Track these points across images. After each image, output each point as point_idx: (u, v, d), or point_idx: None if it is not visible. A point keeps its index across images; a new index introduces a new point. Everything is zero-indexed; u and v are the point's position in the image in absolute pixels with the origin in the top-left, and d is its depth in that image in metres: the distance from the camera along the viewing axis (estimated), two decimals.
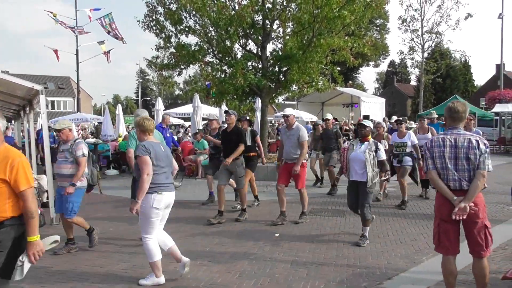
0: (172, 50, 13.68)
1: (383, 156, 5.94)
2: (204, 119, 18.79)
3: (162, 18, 13.53)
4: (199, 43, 13.46)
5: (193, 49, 13.15)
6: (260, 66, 13.67)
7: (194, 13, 12.97)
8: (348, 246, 5.89)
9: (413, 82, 60.72)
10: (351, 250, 5.68)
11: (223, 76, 13.40)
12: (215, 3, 12.63)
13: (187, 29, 13.29)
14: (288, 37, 13.73)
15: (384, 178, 8.27)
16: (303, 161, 7.08)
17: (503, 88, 27.10)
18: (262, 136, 12.81)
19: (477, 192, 3.59)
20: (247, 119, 8.64)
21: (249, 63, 13.65)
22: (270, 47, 14.18)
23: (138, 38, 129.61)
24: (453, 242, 3.74)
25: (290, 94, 15.57)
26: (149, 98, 78.54)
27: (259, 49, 13.58)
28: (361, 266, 5.07)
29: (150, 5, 13.62)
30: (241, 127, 8.02)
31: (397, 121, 9.72)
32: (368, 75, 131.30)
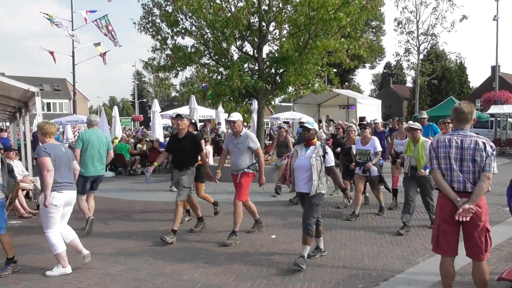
0: (168, 52, 13.69)
1: (331, 161, 5.15)
2: (200, 121, 18.78)
3: (158, 20, 13.53)
4: (195, 45, 13.47)
5: (189, 51, 13.16)
6: (256, 68, 13.69)
7: (190, 15, 12.99)
8: (344, 247, 5.90)
9: (409, 84, 60.85)
10: (347, 252, 5.69)
11: (219, 78, 13.41)
12: (211, 5, 12.65)
13: (183, 31, 13.30)
14: (284, 39, 13.76)
15: (346, 202, 7.92)
16: (250, 171, 6.32)
17: (498, 89, 27.20)
18: (258, 137, 12.82)
19: (481, 195, 3.57)
20: (192, 122, 7.63)
21: (246, 65, 13.66)
22: (266, 49, 14.22)
23: (134, 40, 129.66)
24: (452, 244, 3.73)
25: (286, 95, 15.60)
26: (145, 100, 78.34)
27: (255, 51, 13.60)
28: (357, 267, 5.07)
29: (146, 7, 13.62)
30: (197, 132, 7.28)
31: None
32: (364, 76, 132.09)
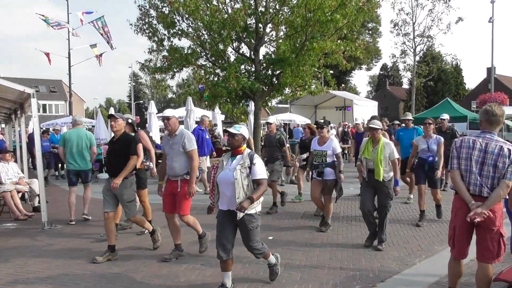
0: (165, 53, 13.68)
1: (259, 173, 4.21)
2: (197, 122, 18.73)
3: (155, 22, 13.51)
4: (192, 46, 13.46)
5: (186, 52, 13.15)
6: (253, 69, 13.69)
7: (187, 16, 12.97)
8: (341, 249, 5.90)
9: (405, 85, 61.09)
10: (344, 253, 5.69)
11: (216, 79, 13.40)
12: (208, 6, 12.65)
13: (180, 32, 13.28)
14: (281, 41, 13.77)
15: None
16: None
17: (493, 91, 27.36)
18: (255, 139, 12.84)
19: (497, 201, 3.51)
20: (128, 122, 6.70)
21: (242, 67, 13.66)
22: (263, 50, 14.21)
23: (130, 41, 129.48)
24: (465, 246, 3.74)
25: (283, 97, 15.59)
26: (142, 102, 78.34)
27: (252, 52, 13.60)
28: (354, 268, 5.07)
29: (143, 8, 13.61)
30: (133, 134, 6.42)
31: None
32: (361, 78, 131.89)
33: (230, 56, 14.07)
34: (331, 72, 14.15)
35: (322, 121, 7.25)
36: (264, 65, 13.63)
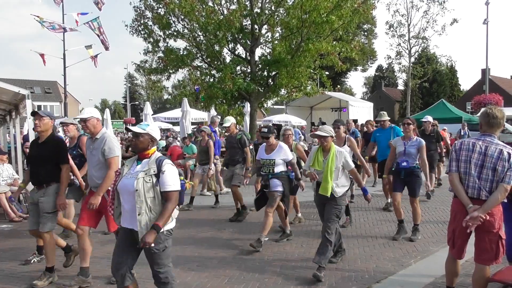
0: (161, 54, 13.69)
1: (169, 184, 3.27)
2: (193, 123, 18.72)
3: (150, 23, 13.52)
4: (187, 47, 13.48)
5: (181, 53, 13.17)
6: (249, 70, 13.72)
7: (183, 17, 13.00)
8: None
9: (401, 87, 61.32)
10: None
11: (212, 80, 13.42)
12: (203, 7, 12.67)
13: (175, 33, 13.30)
14: (276, 42, 13.82)
15: (300, 217, 7.10)
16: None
17: (488, 92, 27.50)
18: (252, 140, 12.84)
19: (495, 205, 3.50)
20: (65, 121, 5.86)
21: (238, 68, 13.70)
22: (258, 51, 14.29)
23: (126, 42, 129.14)
24: (464, 247, 3.76)
25: (279, 98, 15.64)
26: (137, 103, 78.16)
27: (247, 53, 13.63)
28: (350, 269, 5.08)
29: (138, 9, 13.61)
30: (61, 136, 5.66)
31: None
32: (356, 79, 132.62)
33: (226, 57, 14.11)
34: (327, 73, 14.21)
35: (266, 130, 6.19)
36: (260, 66, 13.67)
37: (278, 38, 13.97)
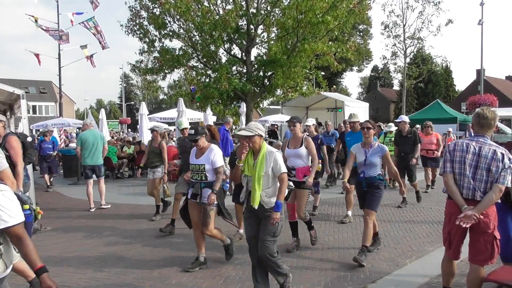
0: (156, 54, 13.66)
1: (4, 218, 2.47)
2: (189, 123, 18.66)
3: (146, 23, 13.49)
4: (183, 47, 13.46)
5: (177, 53, 13.15)
6: (244, 70, 13.72)
7: (178, 17, 12.98)
8: (332, 250, 5.91)
9: (396, 87, 61.47)
10: (335, 254, 5.71)
11: (207, 80, 13.41)
12: (199, 7, 12.66)
13: (171, 33, 13.28)
14: (272, 42, 13.81)
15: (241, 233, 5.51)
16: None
17: (483, 93, 27.62)
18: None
19: (489, 205, 3.50)
20: None
21: (234, 68, 13.69)
22: (254, 51, 14.26)
23: (121, 42, 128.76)
24: (459, 247, 3.78)
25: (274, 98, 15.64)
26: (133, 103, 77.93)
27: (243, 53, 13.63)
28: (345, 269, 5.09)
29: (134, 9, 13.57)
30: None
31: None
32: (352, 80, 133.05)
33: (222, 57, 14.10)
34: (322, 73, 14.21)
35: (193, 132, 5.15)
36: (256, 66, 13.67)
37: (274, 38, 13.97)
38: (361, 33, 53.50)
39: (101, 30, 21.77)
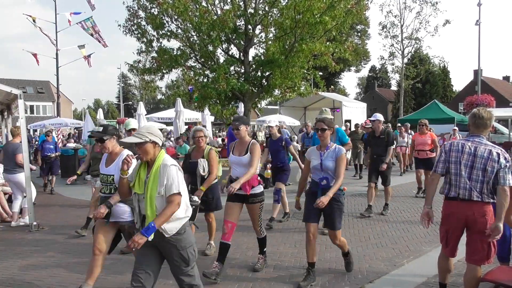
0: (154, 54, 13.64)
1: None
2: (186, 123, 18.70)
3: (144, 23, 13.47)
4: (181, 47, 13.45)
5: (175, 53, 13.14)
6: (242, 71, 13.72)
7: (176, 17, 12.96)
8: (330, 250, 5.91)
9: (394, 87, 61.61)
10: (333, 254, 5.71)
11: (205, 80, 13.40)
12: (197, 7, 12.65)
13: (169, 33, 13.27)
14: (270, 42, 13.82)
15: None
16: None
17: (480, 93, 27.68)
18: None
19: (504, 209, 3.46)
20: None
21: (232, 68, 13.68)
22: (252, 52, 14.27)
23: (119, 42, 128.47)
24: (456, 245, 3.81)
25: (272, 98, 15.65)
26: (130, 103, 77.89)
27: (241, 54, 13.63)
28: (343, 269, 5.08)
29: (131, 9, 13.55)
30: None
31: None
32: (350, 80, 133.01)
33: (220, 57, 14.10)
34: (320, 73, 14.23)
35: (101, 129, 4.50)
36: (254, 66, 13.67)
37: (272, 38, 13.98)
38: (359, 34, 53.63)
39: (99, 30, 21.77)
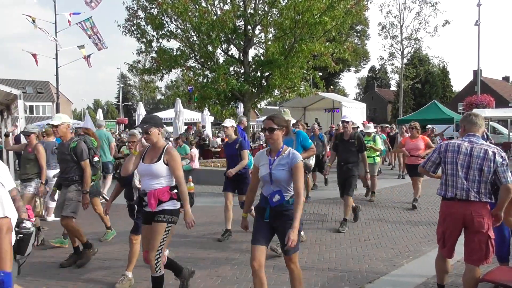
0: (154, 54, 13.65)
1: None
2: (186, 124, 18.70)
3: (143, 23, 13.48)
4: (181, 48, 13.46)
5: (175, 54, 13.15)
6: (242, 71, 13.73)
7: (176, 17, 12.97)
8: (329, 250, 5.92)
9: (393, 88, 61.65)
10: (332, 254, 5.71)
11: (205, 81, 13.41)
12: (196, 8, 12.66)
13: (168, 33, 13.28)
14: (270, 43, 13.83)
15: None
16: None
17: (480, 93, 27.71)
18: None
19: (505, 202, 3.54)
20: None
21: (231, 68, 13.70)
22: (252, 52, 14.29)
23: (119, 42, 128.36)
24: (454, 246, 3.81)
25: (272, 99, 15.66)
26: (130, 103, 77.88)
27: (241, 54, 13.64)
28: (343, 270, 5.09)
29: (131, 9, 13.56)
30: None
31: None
32: (349, 80, 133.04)
33: (219, 57, 14.11)
34: (320, 74, 14.25)
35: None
36: (253, 66, 13.68)
37: (272, 39, 13.99)
38: (359, 34, 53.65)
39: (97, 31, 21.74)
